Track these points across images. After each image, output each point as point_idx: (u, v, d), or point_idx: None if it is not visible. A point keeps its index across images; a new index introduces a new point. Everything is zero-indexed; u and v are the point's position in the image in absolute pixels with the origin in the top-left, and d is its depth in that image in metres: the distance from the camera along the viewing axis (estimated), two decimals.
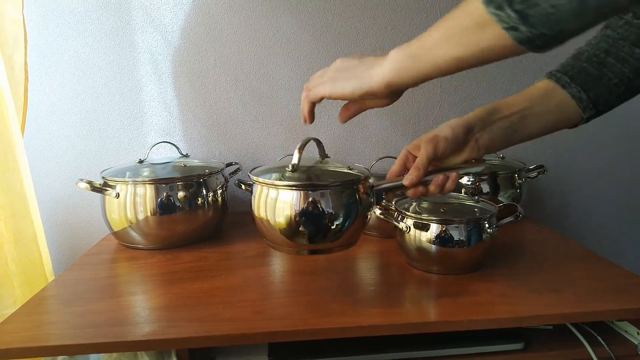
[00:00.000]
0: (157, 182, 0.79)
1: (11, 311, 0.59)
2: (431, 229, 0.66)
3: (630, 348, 0.61)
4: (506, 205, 0.75)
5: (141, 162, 0.85)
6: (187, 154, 0.96)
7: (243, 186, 0.93)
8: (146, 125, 1.02)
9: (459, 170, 0.56)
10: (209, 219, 0.85)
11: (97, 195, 0.81)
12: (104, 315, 0.57)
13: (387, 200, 0.61)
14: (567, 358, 0.61)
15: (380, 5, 1.01)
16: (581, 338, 0.61)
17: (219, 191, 0.86)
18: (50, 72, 0.97)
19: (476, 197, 0.73)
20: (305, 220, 0.52)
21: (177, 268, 0.73)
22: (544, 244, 0.83)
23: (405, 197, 0.75)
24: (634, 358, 0.61)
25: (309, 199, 0.51)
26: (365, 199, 0.54)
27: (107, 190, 0.79)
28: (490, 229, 0.67)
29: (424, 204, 0.70)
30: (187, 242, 0.83)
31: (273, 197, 0.53)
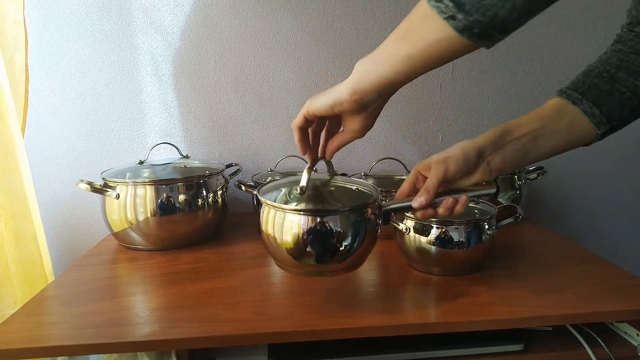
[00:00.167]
0: (158, 183, 0.79)
1: (11, 311, 0.59)
2: (431, 231, 0.66)
3: (629, 349, 0.62)
4: (506, 207, 0.75)
5: (141, 163, 0.85)
6: (187, 155, 0.96)
7: (243, 187, 0.93)
8: (146, 126, 1.02)
9: (469, 193, 0.55)
10: (209, 219, 0.86)
11: (98, 196, 0.81)
12: (104, 316, 0.57)
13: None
14: (566, 359, 0.61)
15: (380, 6, 1.01)
16: (581, 339, 0.62)
17: (219, 192, 0.87)
18: (50, 73, 0.98)
19: (476, 199, 0.73)
20: (312, 243, 0.52)
21: (177, 269, 0.73)
22: (543, 245, 0.83)
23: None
24: (633, 359, 0.61)
25: (316, 224, 0.51)
26: (374, 219, 0.54)
27: (107, 191, 0.79)
28: (490, 230, 0.67)
29: None
30: (187, 243, 0.83)
31: (280, 219, 0.53)
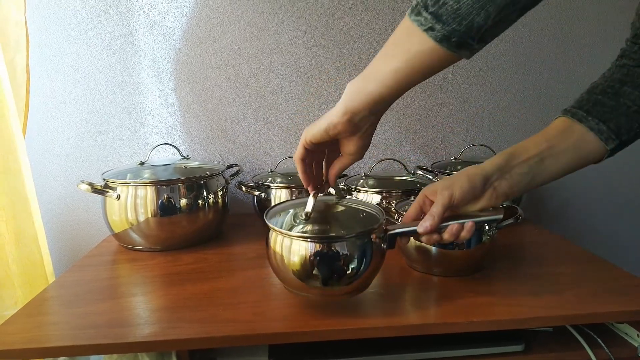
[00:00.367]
0: (158, 184, 0.79)
1: (12, 312, 0.59)
2: None
3: (630, 350, 0.61)
4: (506, 208, 0.74)
5: (142, 163, 0.86)
6: (187, 155, 0.96)
7: (244, 188, 0.94)
8: (147, 127, 1.02)
9: (476, 219, 0.56)
10: (210, 220, 0.86)
11: (98, 196, 0.81)
12: (105, 317, 0.57)
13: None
14: None
15: (380, 8, 1.01)
16: (581, 340, 0.61)
17: (220, 193, 0.87)
18: (51, 74, 0.98)
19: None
20: (317, 269, 0.52)
21: (177, 269, 0.73)
22: (543, 246, 0.83)
23: (405, 199, 0.75)
24: None
25: (321, 250, 0.52)
26: (379, 243, 0.55)
27: (108, 191, 0.79)
28: (490, 231, 0.67)
29: None
30: (188, 244, 0.83)
31: (287, 245, 0.54)
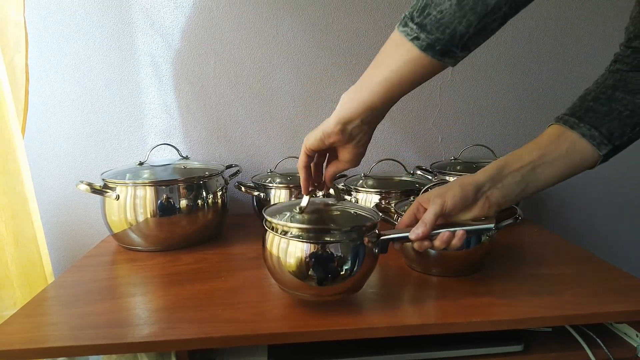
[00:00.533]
0: (157, 184, 0.79)
1: (11, 312, 0.59)
2: None
3: (629, 350, 0.61)
4: (506, 208, 0.75)
5: (141, 164, 0.85)
6: (187, 156, 0.96)
7: (243, 188, 0.94)
8: (146, 127, 1.02)
9: (467, 227, 0.56)
10: (209, 220, 0.86)
11: (97, 197, 0.81)
12: (104, 317, 0.57)
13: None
14: None
15: (379, 8, 1.01)
16: (580, 340, 0.62)
17: (219, 193, 0.87)
18: (51, 75, 0.98)
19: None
20: (312, 269, 0.53)
21: (177, 270, 0.73)
22: (543, 246, 0.83)
23: (404, 199, 0.76)
24: None
25: (313, 249, 0.53)
26: (371, 247, 0.55)
27: (107, 192, 0.79)
28: (489, 231, 0.67)
29: None
30: (187, 244, 0.83)
31: (284, 246, 0.55)
